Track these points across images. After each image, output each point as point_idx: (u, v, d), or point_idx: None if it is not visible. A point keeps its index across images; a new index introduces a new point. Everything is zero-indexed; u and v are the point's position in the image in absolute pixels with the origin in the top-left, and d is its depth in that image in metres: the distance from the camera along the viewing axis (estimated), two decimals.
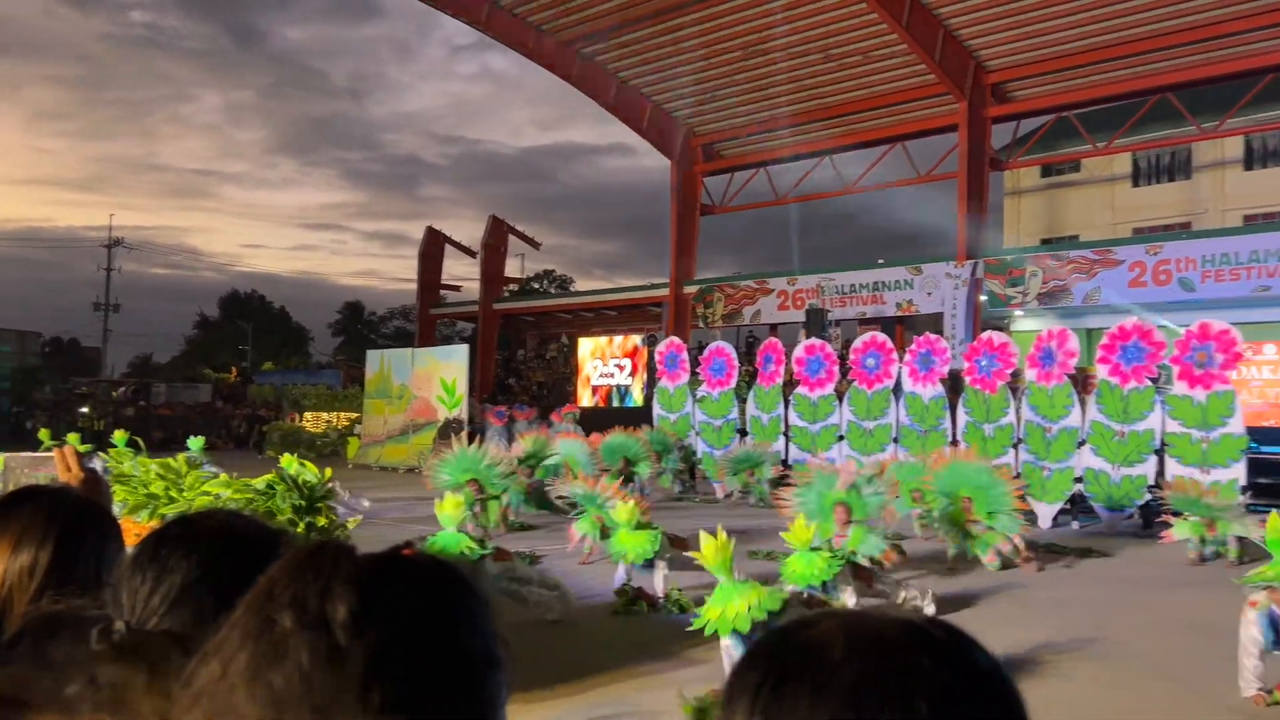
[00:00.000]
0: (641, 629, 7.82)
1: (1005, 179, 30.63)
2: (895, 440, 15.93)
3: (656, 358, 19.93)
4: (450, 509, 8.05)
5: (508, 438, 19.66)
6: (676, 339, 20.43)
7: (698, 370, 18.96)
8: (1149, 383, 13.60)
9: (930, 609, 7.70)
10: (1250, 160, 29.07)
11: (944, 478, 10.80)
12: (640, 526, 8.53)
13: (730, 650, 5.62)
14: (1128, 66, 20.19)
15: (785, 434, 17.30)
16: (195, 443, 13.29)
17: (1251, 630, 5.82)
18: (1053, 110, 22.34)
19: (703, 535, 5.93)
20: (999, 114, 22.04)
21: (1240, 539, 10.50)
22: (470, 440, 13.98)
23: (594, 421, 19.55)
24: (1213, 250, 18.64)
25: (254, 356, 57.29)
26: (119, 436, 10.89)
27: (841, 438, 16.61)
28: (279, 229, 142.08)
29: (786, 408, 17.45)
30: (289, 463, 7.80)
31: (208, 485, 8.31)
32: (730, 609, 5.49)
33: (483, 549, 7.95)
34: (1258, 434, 14.08)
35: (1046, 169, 31.21)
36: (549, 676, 6.15)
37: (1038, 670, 6.45)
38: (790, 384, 17.69)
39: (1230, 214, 28.42)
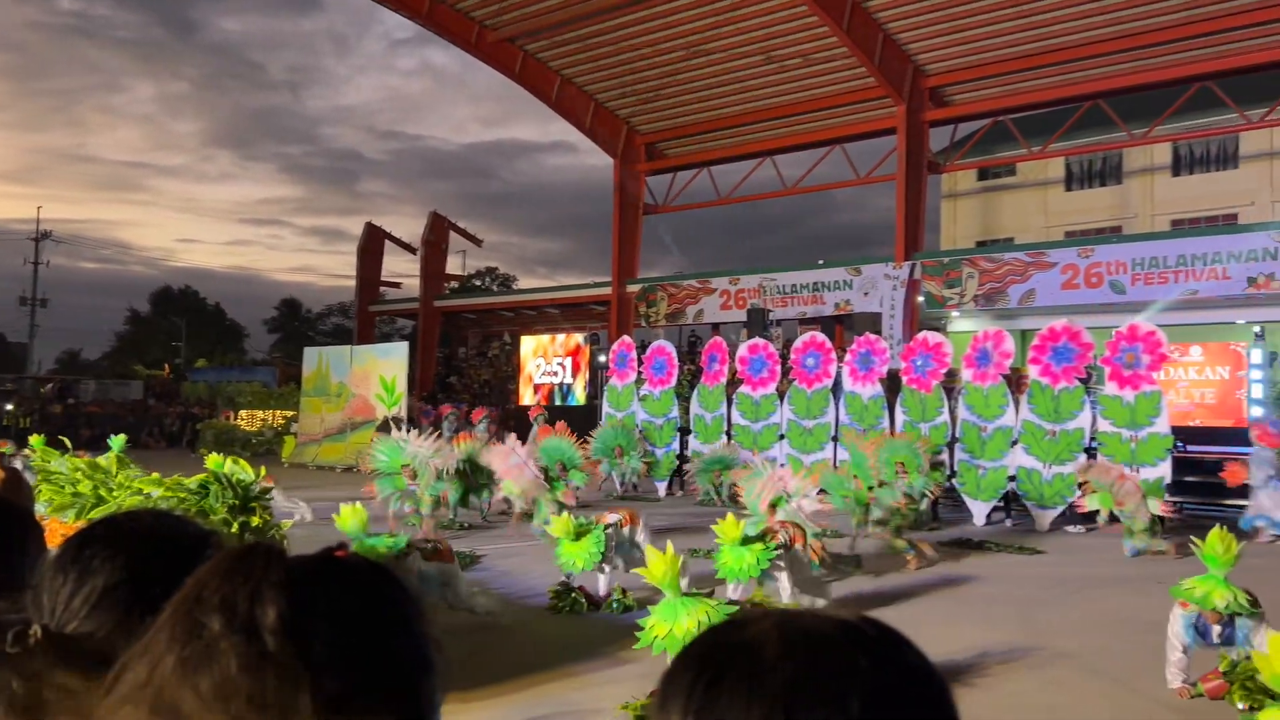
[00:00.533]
0: (580, 628, 7.80)
1: (943, 181, 31.13)
2: (834, 439, 16.10)
3: (609, 356, 19.95)
4: (349, 520, 7.44)
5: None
6: (628, 338, 20.46)
7: (640, 369, 19.02)
8: (1079, 383, 13.91)
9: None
10: (1178, 166, 29.88)
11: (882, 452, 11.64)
12: (580, 533, 8.48)
13: None
14: (1062, 73, 20.63)
15: (728, 433, 17.40)
16: (116, 441, 12.96)
17: (1177, 628, 6.00)
18: (989, 115, 22.76)
19: (650, 551, 5.88)
20: (936, 118, 22.39)
21: (1152, 515, 11.34)
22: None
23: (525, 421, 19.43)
24: (1142, 254, 19.12)
25: (187, 353, 56.20)
26: (36, 440, 10.61)
27: (782, 436, 16.77)
28: (215, 223, 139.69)
29: (729, 406, 17.58)
30: (215, 463, 7.60)
31: (138, 483, 8.12)
32: (679, 627, 5.37)
33: (420, 548, 7.81)
34: (1183, 433, 14.47)
35: (983, 172, 31.78)
36: (485, 677, 6.11)
37: (970, 668, 6.56)
38: (733, 383, 17.80)
39: (1159, 218, 29.21)
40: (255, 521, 7.45)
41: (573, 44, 23.81)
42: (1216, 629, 5.90)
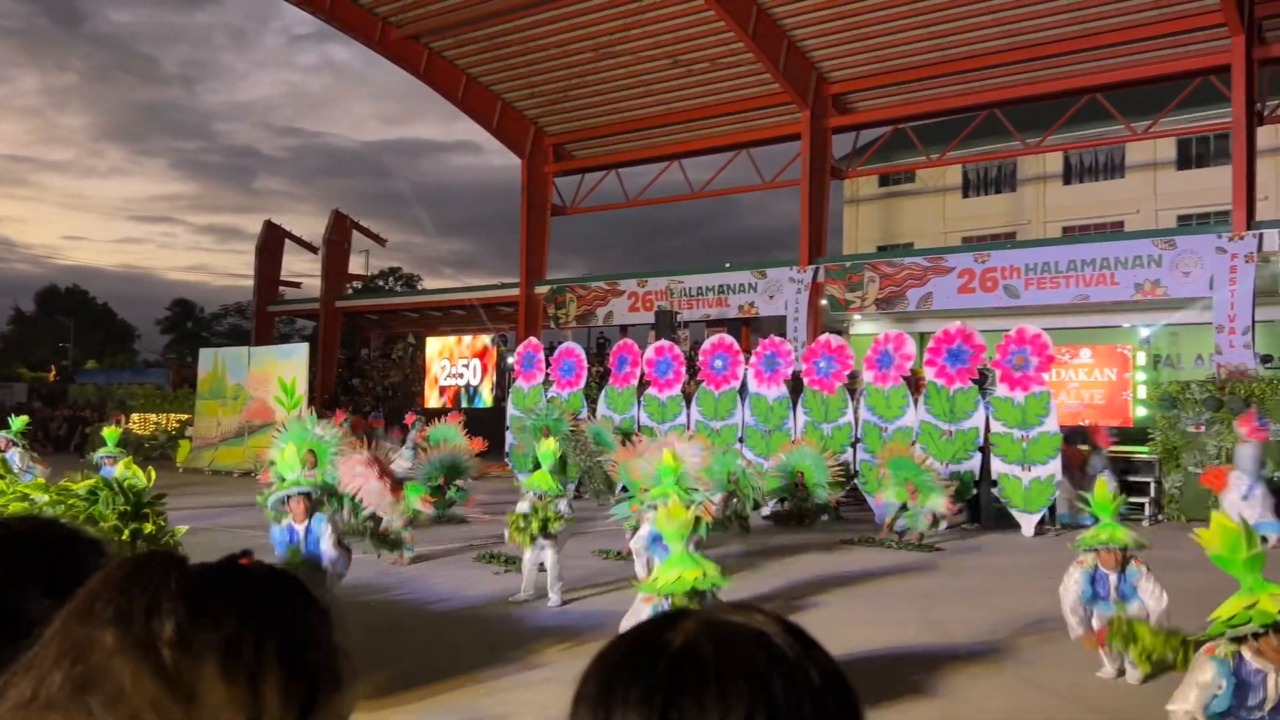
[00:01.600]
0: (491, 632, 7.73)
1: (845, 187, 31.77)
2: (741, 440, 16.27)
3: (515, 358, 19.80)
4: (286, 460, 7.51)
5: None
6: (535, 340, 20.34)
7: (549, 370, 18.94)
8: (972, 384, 14.32)
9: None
10: (1069, 175, 31.00)
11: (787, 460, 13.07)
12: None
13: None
14: (960, 83, 21.23)
15: (637, 433, 17.44)
16: (17, 422, 12.48)
17: (1069, 583, 6.37)
18: (889, 122, 23.29)
19: (664, 505, 6.33)
20: (839, 124, 22.82)
21: (933, 514, 12.35)
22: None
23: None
24: (1035, 259, 19.78)
25: (75, 355, 54.06)
26: None
27: (691, 438, 16.85)
28: (104, 220, 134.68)
29: (639, 408, 17.62)
30: (112, 435, 7.38)
31: (22, 488, 7.77)
32: (689, 574, 5.60)
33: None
34: (1074, 433, 15.00)
35: (884, 179, 32.50)
36: (394, 684, 6.01)
37: (872, 664, 6.69)
38: (642, 385, 17.86)
39: (1051, 225, 30.24)
40: (148, 529, 7.20)
41: (480, 43, 23.60)
42: (1112, 578, 6.23)
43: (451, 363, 27.79)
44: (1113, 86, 20.12)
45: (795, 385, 16.20)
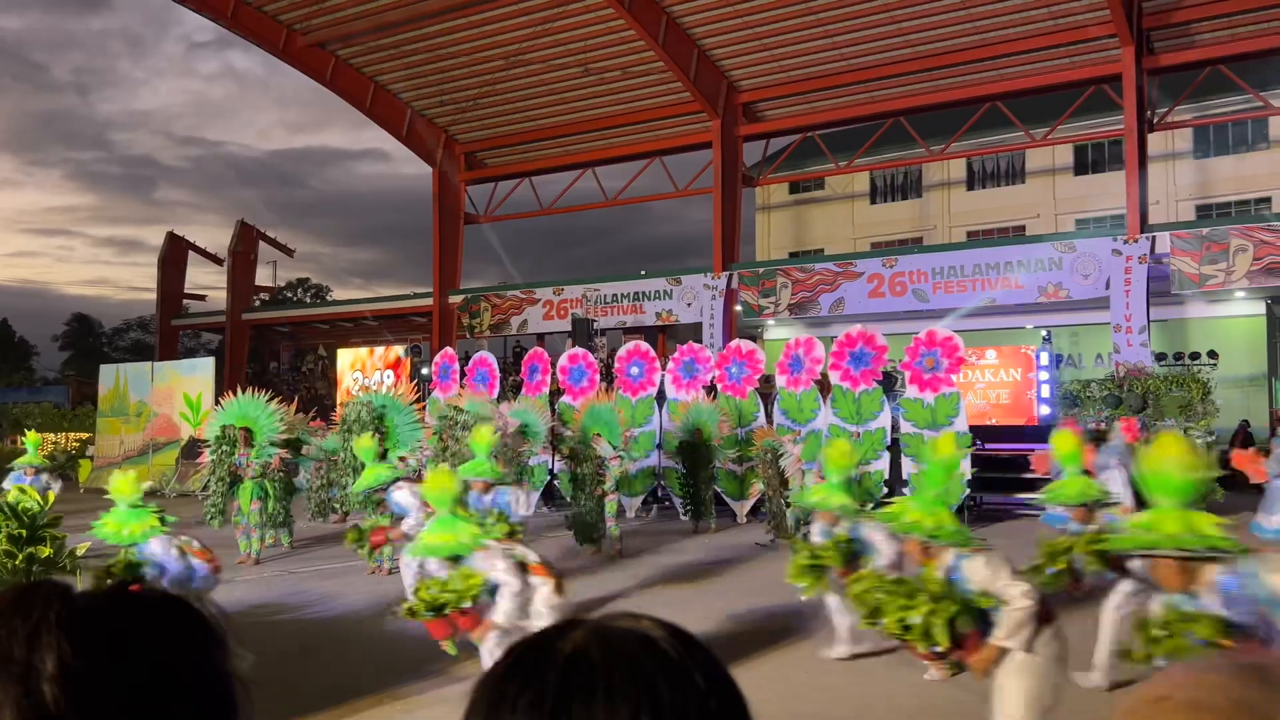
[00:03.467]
0: (406, 648, 7.60)
1: (757, 194, 32.12)
2: (659, 446, 16.31)
3: (432, 368, 19.55)
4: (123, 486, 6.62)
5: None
6: (450, 350, 20.11)
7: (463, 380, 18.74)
8: (877, 385, 14.59)
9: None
10: (972, 181, 31.81)
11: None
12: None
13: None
14: (865, 91, 21.66)
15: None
16: (33, 439, 12.11)
17: (814, 536, 7.18)
18: (799, 130, 23.64)
19: (430, 472, 6.45)
20: (749, 132, 23.08)
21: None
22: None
23: None
24: (941, 263, 20.26)
25: None
26: None
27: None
28: None
29: (553, 416, 17.51)
30: (34, 441, 7.11)
31: None
32: (447, 537, 5.71)
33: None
34: (981, 431, 15.39)
35: (794, 186, 32.95)
36: (302, 706, 5.87)
37: (780, 665, 6.75)
38: (556, 393, 17.78)
39: (956, 230, 30.99)
40: (45, 553, 6.94)
41: (388, 50, 23.31)
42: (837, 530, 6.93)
43: (365, 374, 27.33)
44: (1012, 95, 20.73)
45: (712, 391, 16.28)
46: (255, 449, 11.73)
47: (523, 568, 5.82)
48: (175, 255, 31.50)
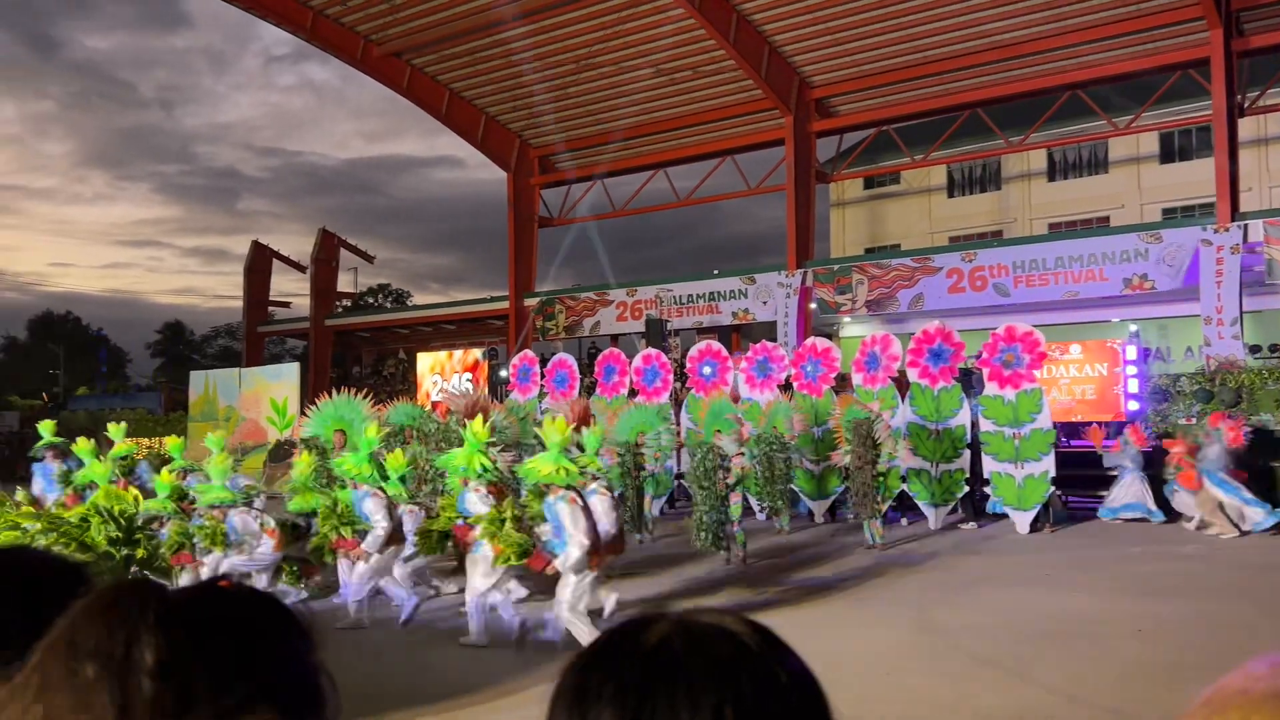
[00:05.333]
0: (482, 652, 7.70)
1: (831, 190, 31.83)
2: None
3: (510, 370, 19.72)
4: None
5: None
6: (529, 352, 20.29)
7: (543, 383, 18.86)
8: (955, 382, 14.34)
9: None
10: (1053, 172, 31.11)
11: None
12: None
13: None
14: (941, 83, 21.32)
15: None
16: (117, 430, 12.48)
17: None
18: (873, 125, 23.36)
19: (549, 419, 7.76)
20: (823, 128, 22.89)
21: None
22: None
23: None
24: (1022, 257, 19.84)
25: (66, 381, 53.86)
26: None
27: (681, 446, 16.80)
28: (90, 246, 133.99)
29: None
30: (176, 446, 7.65)
31: (13, 517, 7.74)
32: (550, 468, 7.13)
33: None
34: (1066, 429, 15.03)
35: (869, 181, 32.58)
36: (384, 706, 5.98)
37: (866, 664, 6.68)
38: (632, 394, 17.83)
39: (1037, 222, 30.34)
40: (140, 553, 7.18)
41: (462, 58, 23.64)
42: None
43: (443, 377, 27.74)
44: (1094, 82, 20.22)
45: (787, 390, 16.17)
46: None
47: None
48: (260, 263, 32.34)
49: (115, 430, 12.78)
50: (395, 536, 8.49)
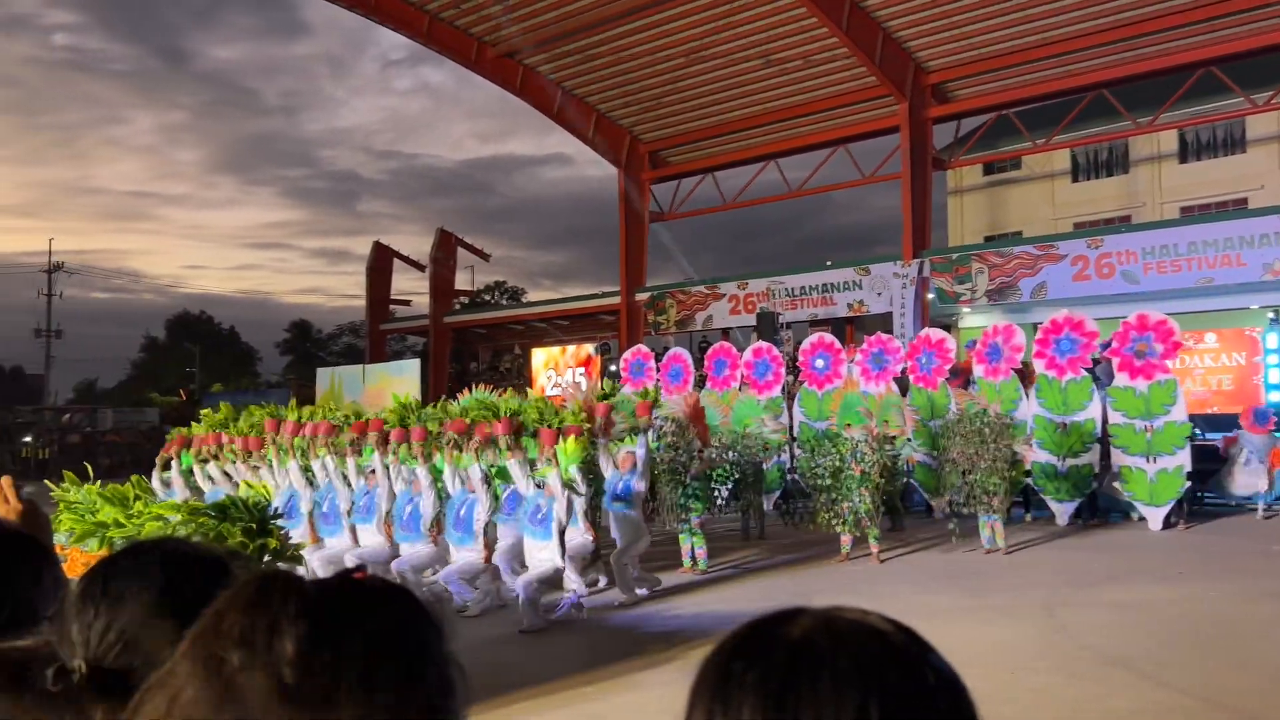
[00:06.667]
0: (594, 638, 7.79)
1: (948, 177, 31.06)
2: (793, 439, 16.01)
3: (622, 365, 19.82)
4: None
5: None
6: (643, 346, 20.39)
7: (658, 377, 18.88)
8: (1085, 373, 13.83)
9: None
10: (1185, 153, 29.75)
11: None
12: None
13: None
14: (1063, 65, 20.57)
15: None
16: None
17: None
18: (992, 109, 22.68)
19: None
20: (939, 114, 22.34)
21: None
22: None
23: None
24: (1152, 243, 19.01)
25: (202, 378, 56.41)
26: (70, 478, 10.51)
27: (793, 439, 16.65)
28: (221, 249, 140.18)
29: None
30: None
31: (156, 508, 8.14)
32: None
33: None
34: (1201, 421, 14.37)
35: (988, 167, 31.71)
36: (500, 688, 6.10)
37: (992, 663, 6.52)
38: (743, 387, 17.74)
39: (1168, 206, 29.07)
40: (273, 544, 7.47)
41: (573, 55, 23.86)
42: None
43: (557, 372, 28.10)
44: (1229, 59, 19.20)
45: (904, 383, 15.84)
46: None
47: None
48: (381, 263, 33.29)
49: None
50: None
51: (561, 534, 8.37)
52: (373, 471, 9.59)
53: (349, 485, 9.74)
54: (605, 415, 9.40)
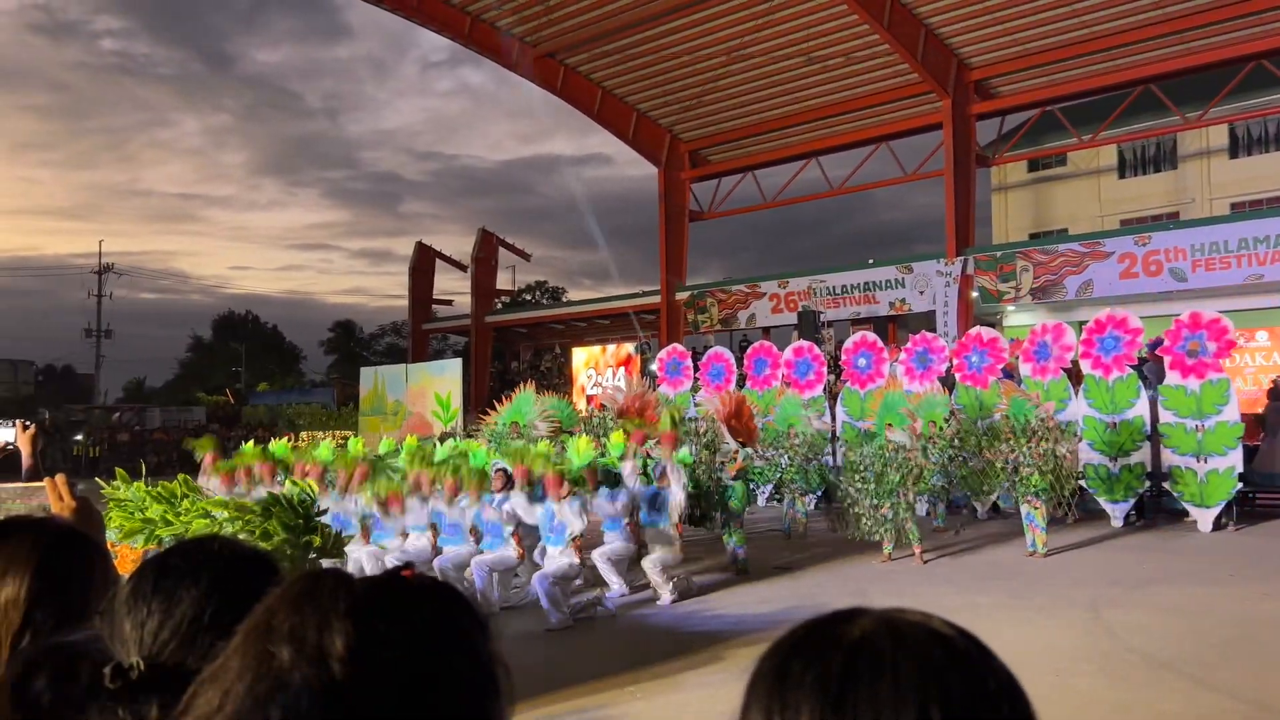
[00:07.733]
0: (642, 636, 7.79)
1: (992, 174, 30.73)
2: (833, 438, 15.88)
3: (657, 364, 19.74)
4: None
5: None
6: (679, 346, 20.30)
7: (697, 375, 18.83)
8: (1131, 370, 13.61)
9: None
10: (1235, 148, 29.18)
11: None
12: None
13: None
14: (1109, 59, 20.27)
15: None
16: (280, 446, 13.28)
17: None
18: (1036, 105, 22.41)
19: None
20: (983, 110, 22.10)
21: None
22: None
23: None
24: (1201, 239, 18.68)
25: (248, 378, 57.19)
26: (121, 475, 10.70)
27: (835, 438, 16.53)
28: (266, 250, 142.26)
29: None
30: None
31: (203, 505, 8.25)
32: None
33: None
34: (1254, 422, 14.09)
35: (1033, 163, 31.32)
36: (545, 686, 6.12)
37: (1039, 665, 6.44)
38: (786, 386, 17.64)
39: (1218, 202, 28.53)
40: (317, 542, 7.54)
41: (613, 55, 23.89)
42: None
43: (597, 371, 28.17)
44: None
45: (948, 382, 15.67)
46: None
47: None
48: (424, 263, 33.56)
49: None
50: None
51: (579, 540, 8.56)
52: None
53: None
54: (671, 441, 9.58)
